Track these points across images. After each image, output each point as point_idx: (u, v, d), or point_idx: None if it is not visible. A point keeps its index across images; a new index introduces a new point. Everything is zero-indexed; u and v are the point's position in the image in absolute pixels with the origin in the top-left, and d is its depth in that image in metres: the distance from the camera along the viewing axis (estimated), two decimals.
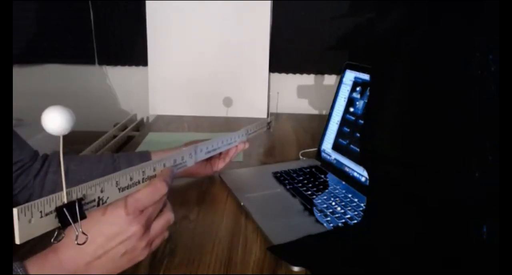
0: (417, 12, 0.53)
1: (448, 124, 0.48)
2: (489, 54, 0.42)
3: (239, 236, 0.65)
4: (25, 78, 1.48)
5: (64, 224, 0.37)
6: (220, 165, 0.82)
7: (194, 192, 0.80)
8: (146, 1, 1.35)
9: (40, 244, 0.42)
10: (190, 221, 0.70)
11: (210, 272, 0.56)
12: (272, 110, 1.43)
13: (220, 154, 0.81)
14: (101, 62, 1.49)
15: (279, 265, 0.58)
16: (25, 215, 0.34)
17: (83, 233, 0.39)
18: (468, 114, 0.45)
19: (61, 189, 0.37)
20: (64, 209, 0.37)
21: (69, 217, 0.37)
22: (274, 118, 0.92)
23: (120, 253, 0.44)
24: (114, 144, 1.18)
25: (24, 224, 0.34)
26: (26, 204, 0.35)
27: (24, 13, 1.40)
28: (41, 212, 0.36)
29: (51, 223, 0.37)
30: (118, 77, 1.53)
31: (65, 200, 0.37)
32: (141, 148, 1.06)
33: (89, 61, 1.48)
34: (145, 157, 0.75)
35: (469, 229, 0.45)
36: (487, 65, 0.43)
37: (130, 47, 1.46)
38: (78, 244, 0.39)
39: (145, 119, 1.51)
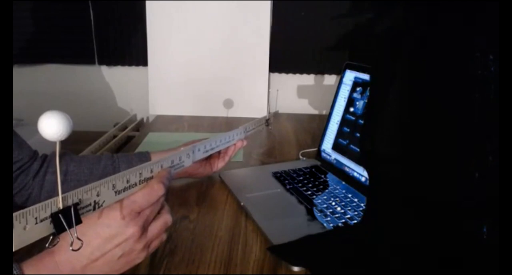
0: (417, 12, 0.53)
1: (448, 125, 0.48)
2: (489, 54, 0.42)
3: (239, 236, 0.65)
4: (25, 78, 1.49)
5: (59, 230, 0.37)
6: (219, 164, 0.82)
7: (194, 192, 0.80)
8: (146, 1, 1.35)
9: (38, 246, 0.42)
10: (190, 221, 0.70)
11: (210, 272, 0.56)
12: (272, 109, 1.43)
13: (219, 153, 0.81)
14: (101, 62, 1.49)
15: (279, 265, 0.58)
16: (19, 222, 0.34)
17: (78, 239, 0.38)
18: (468, 115, 0.45)
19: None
20: (60, 215, 0.37)
21: (64, 223, 0.37)
22: (273, 115, 0.92)
23: (117, 255, 0.43)
24: (114, 144, 1.18)
25: (19, 231, 0.34)
26: (21, 211, 0.34)
27: (24, 13, 1.40)
28: (36, 218, 0.35)
29: (46, 229, 0.36)
30: (118, 77, 1.53)
31: (60, 206, 0.37)
32: (141, 148, 1.06)
33: (89, 61, 1.48)
34: (145, 157, 0.75)
35: (469, 229, 0.45)
36: (487, 65, 0.42)
37: (130, 47, 1.46)
38: (73, 250, 0.38)
39: (145, 119, 1.50)
